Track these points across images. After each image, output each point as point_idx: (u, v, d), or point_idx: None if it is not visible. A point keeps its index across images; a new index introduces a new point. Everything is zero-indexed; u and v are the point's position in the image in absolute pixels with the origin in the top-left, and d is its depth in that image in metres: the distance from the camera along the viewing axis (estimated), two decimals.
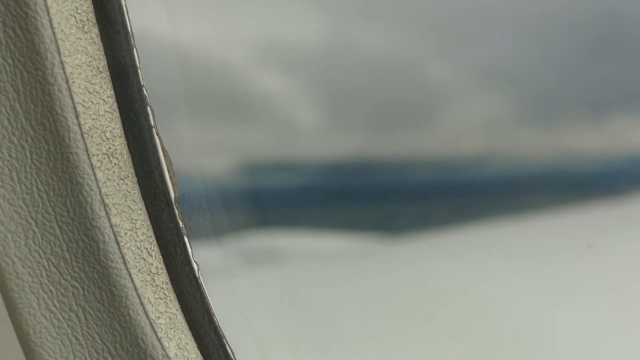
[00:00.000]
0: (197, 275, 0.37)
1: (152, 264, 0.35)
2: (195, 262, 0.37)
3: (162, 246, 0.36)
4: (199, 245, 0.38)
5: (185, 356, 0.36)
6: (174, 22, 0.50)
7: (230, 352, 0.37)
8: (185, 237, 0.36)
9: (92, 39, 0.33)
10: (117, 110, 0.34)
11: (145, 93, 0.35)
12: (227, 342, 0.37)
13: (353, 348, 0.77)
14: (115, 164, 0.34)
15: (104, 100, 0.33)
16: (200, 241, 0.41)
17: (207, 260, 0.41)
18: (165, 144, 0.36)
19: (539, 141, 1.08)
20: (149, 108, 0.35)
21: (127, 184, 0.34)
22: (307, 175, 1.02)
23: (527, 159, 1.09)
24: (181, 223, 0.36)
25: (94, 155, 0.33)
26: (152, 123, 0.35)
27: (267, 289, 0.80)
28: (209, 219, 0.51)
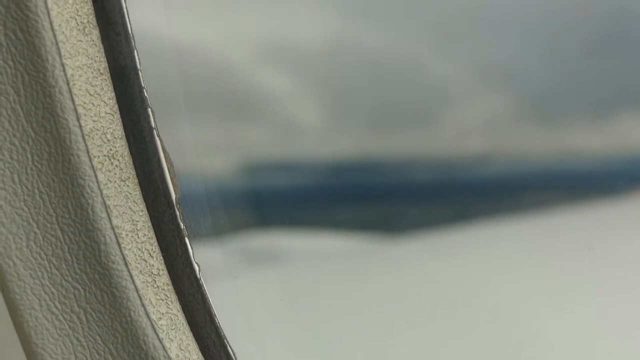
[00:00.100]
0: (199, 276, 0.37)
1: (153, 265, 0.35)
2: (197, 263, 0.37)
3: (163, 247, 0.36)
4: (200, 246, 0.38)
5: (186, 357, 0.36)
6: (175, 23, 0.50)
7: (232, 353, 0.37)
8: (186, 238, 0.36)
9: (93, 41, 0.33)
10: (118, 112, 0.34)
11: (146, 95, 0.35)
12: (228, 343, 0.37)
13: (354, 348, 0.77)
14: (117, 165, 0.34)
15: (105, 102, 0.34)
16: (201, 242, 0.41)
17: (209, 261, 0.41)
18: (166, 146, 0.36)
19: (541, 140, 1.08)
20: (149, 109, 0.35)
21: (128, 186, 0.34)
22: (308, 175, 1.02)
23: (528, 159, 1.09)
24: (182, 224, 0.36)
25: (95, 157, 0.33)
26: (153, 124, 0.35)
27: (269, 290, 0.80)
28: (210, 219, 0.51)
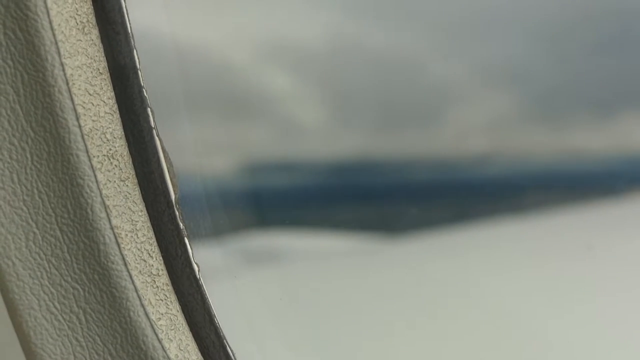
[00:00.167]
0: (198, 276, 0.37)
1: (152, 265, 0.35)
2: (196, 263, 0.37)
3: (163, 247, 0.36)
4: (199, 246, 0.38)
5: (186, 357, 0.36)
6: (174, 23, 0.50)
7: (231, 354, 0.37)
8: (185, 238, 0.36)
9: (93, 40, 0.33)
10: (118, 112, 0.34)
11: (145, 94, 0.35)
12: (227, 343, 0.37)
13: (354, 348, 0.77)
14: (116, 165, 0.34)
15: (105, 102, 0.33)
16: (201, 242, 0.41)
17: (208, 261, 0.41)
18: (166, 145, 0.36)
19: (543, 140, 1.08)
20: (149, 109, 0.35)
21: (127, 186, 0.34)
22: (308, 175, 1.02)
23: (530, 159, 1.09)
24: (182, 224, 0.36)
25: (94, 156, 0.33)
26: (153, 124, 0.35)
27: (268, 290, 0.80)
28: (209, 219, 0.51)
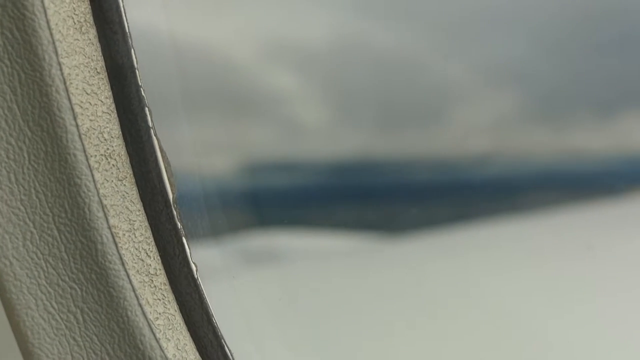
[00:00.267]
0: (196, 276, 0.37)
1: (150, 265, 0.35)
2: (194, 262, 0.37)
3: (161, 247, 0.36)
4: (197, 246, 0.38)
5: (183, 357, 0.35)
6: (173, 22, 0.50)
7: (229, 353, 0.37)
8: (183, 238, 0.36)
9: (90, 40, 0.33)
10: (115, 111, 0.34)
11: (143, 94, 0.35)
12: (225, 343, 0.37)
13: (353, 348, 0.77)
14: (114, 165, 0.34)
15: (102, 101, 0.33)
16: (198, 242, 0.41)
17: (206, 261, 0.41)
18: (164, 145, 0.36)
19: (545, 140, 1.08)
20: (147, 109, 0.35)
21: (125, 185, 0.34)
22: (309, 174, 1.02)
23: (531, 159, 1.09)
24: (179, 224, 0.36)
25: (91, 156, 0.33)
26: (150, 124, 0.35)
27: (267, 290, 0.80)
28: (208, 219, 0.51)
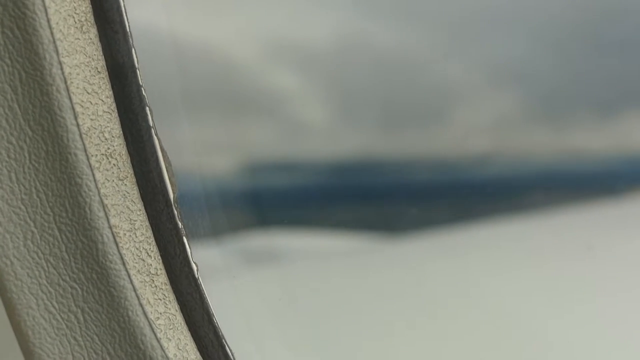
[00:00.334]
0: (197, 275, 0.37)
1: (151, 264, 0.35)
2: (195, 262, 0.37)
3: (161, 247, 0.36)
4: (198, 246, 0.38)
5: (184, 357, 0.35)
6: (173, 21, 0.49)
7: (230, 353, 0.37)
8: (184, 237, 0.36)
9: (91, 39, 0.33)
10: (116, 111, 0.34)
11: (144, 93, 0.35)
12: (226, 342, 0.37)
13: (353, 348, 0.77)
14: (114, 164, 0.34)
15: (103, 101, 0.33)
16: (199, 242, 0.41)
17: (207, 260, 0.41)
18: (164, 145, 0.36)
19: (545, 140, 1.08)
20: (147, 108, 0.35)
21: (126, 185, 0.34)
22: (309, 174, 1.02)
23: (532, 159, 1.09)
24: (180, 224, 0.36)
25: (92, 155, 0.33)
26: (151, 123, 0.35)
27: (267, 290, 0.80)
28: (209, 219, 0.51)
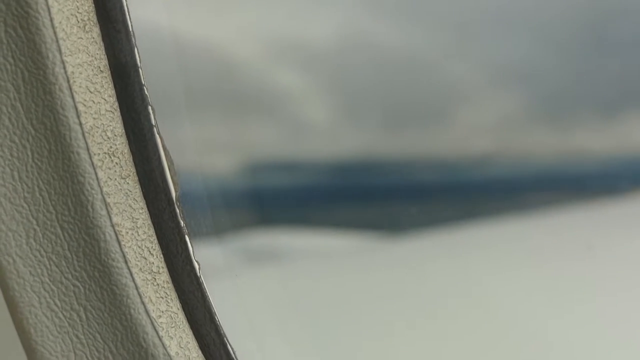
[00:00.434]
0: (199, 274, 0.37)
1: (153, 263, 0.35)
2: (197, 261, 0.37)
3: (163, 245, 0.36)
4: (200, 244, 0.38)
5: (186, 355, 0.36)
6: (176, 20, 0.50)
7: (232, 351, 0.37)
8: (186, 236, 0.36)
9: (93, 38, 0.33)
10: (118, 110, 0.34)
11: (146, 92, 0.35)
12: (228, 341, 0.37)
13: (354, 347, 0.77)
14: (117, 163, 0.34)
15: (105, 100, 0.34)
16: (201, 240, 0.41)
17: (209, 258, 0.41)
18: (167, 143, 0.36)
19: (548, 140, 1.08)
20: (150, 107, 0.35)
21: (128, 183, 0.34)
22: (311, 174, 1.02)
23: (534, 159, 1.09)
24: (182, 222, 0.36)
25: (95, 154, 0.33)
26: (153, 122, 0.35)
27: (269, 288, 0.80)
28: (211, 218, 0.51)
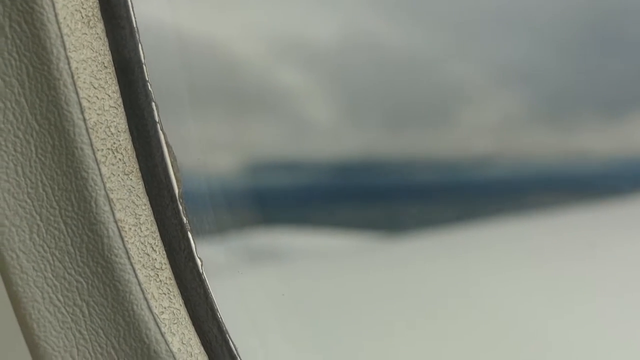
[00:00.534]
0: (201, 271, 0.37)
1: (156, 259, 0.35)
2: (199, 257, 0.37)
3: (166, 242, 0.36)
4: (202, 241, 0.38)
5: (188, 351, 0.36)
6: (180, 17, 0.50)
7: (234, 348, 0.38)
8: (189, 232, 0.36)
9: (98, 34, 0.33)
10: (122, 106, 0.34)
11: (150, 88, 0.35)
12: (230, 337, 0.38)
13: (355, 345, 0.77)
14: (120, 159, 0.34)
15: (109, 96, 0.34)
16: (204, 237, 0.41)
17: (211, 256, 0.41)
18: (170, 140, 0.36)
19: (550, 141, 1.08)
20: (153, 103, 0.35)
21: (131, 179, 0.34)
22: (313, 173, 1.02)
23: (536, 159, 1.08)
24: (185, 219, 0.36)
25: (98, 150, 0.33)
26: (157, 119, 0.35)
27: (271, 286, 0.80)
28: (213, 215, 0.51)
